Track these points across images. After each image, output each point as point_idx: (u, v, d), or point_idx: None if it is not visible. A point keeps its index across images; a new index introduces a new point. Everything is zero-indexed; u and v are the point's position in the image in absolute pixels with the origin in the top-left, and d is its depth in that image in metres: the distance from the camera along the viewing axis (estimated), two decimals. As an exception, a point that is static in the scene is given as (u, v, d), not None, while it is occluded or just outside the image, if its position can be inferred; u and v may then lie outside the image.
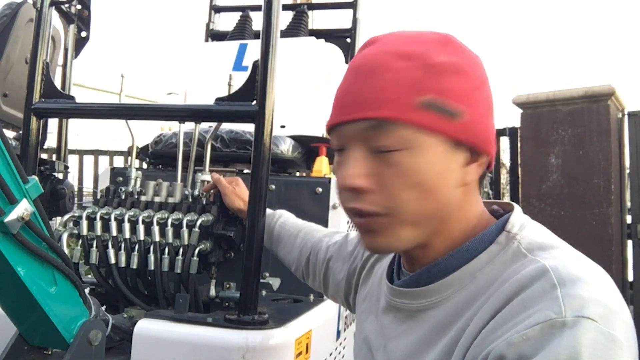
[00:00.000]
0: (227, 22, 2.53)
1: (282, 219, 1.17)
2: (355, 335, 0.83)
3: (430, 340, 0.64)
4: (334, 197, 1.46)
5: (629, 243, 3.18)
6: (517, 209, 0.67)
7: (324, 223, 1.42)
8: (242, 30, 2.35)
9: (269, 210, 1.18)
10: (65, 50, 1.70)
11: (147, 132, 1.73)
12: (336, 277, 0.95)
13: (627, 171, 3.25)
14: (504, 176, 5.04)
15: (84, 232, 1.21)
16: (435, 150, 0.61)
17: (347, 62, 2.23)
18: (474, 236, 0.64)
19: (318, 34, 2.30)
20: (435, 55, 0.62)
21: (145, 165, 1.99)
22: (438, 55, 0.62)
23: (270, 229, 1.16)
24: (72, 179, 5.00)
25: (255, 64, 1.11)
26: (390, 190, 0.61)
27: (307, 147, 1.78)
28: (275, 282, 1.28)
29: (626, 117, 3.27)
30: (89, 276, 1.29)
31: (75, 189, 3.07)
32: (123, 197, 1.27)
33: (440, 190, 0.62)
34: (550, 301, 0.52)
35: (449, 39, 0.65)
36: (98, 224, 1.21)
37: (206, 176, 1.26)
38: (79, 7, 1.66)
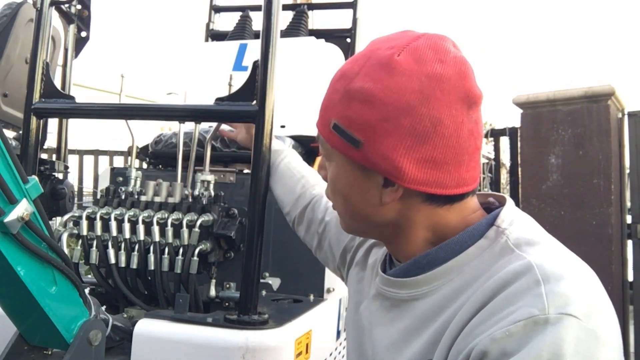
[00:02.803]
0: (227, 22, 2.53)
1: (289, 159, 1.15)
2: (348, 314, 0.85)
3: (415, 330, 0.65)
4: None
5: (629, 243, 3.17)
6: (509, 203, 0.67)
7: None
8: (242, 30, 2.35)
9: (277, 146, 1.16)
10: (65, 50, 1.70)
11: (147, 132, 1.73)
12: (333, 244, 0.96)
13: (627, 171, 3.24)
14: (504, 176, 5.05)
15: (84, 232, 1.21)
16: (345, 168, 0.67)
17: (347, 62, 2.23)
18: (464, 230, 0.65)
19: (318, 34, 2.30)
20: (357, 79, 0.63)
21: (145, 165, 1.99)
22: (359, 80, 0.63)
23: (274, 164, 1.14)
24: (72, 179, 5.00)
25: (255, 64, 1.11)
26: (328, 187, 0.74)
27: (307, 147, 1.78)
28: (275, 282, 1.28)
29: (626, 117, 3.27)
30: (89, 276, 1.29)
31: (75, 189, 3.07)
32: (123, 197, 1.27)
33: (357, 203, 0.68)
34: (533, 298, 0.52)
35: (393, 61, 0.61)
36: (98, 224, 1.21)
37: (206, 176, 1.25)
38: (79, 7, 1.66)
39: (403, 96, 0.60)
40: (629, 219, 3.20)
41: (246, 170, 1.66)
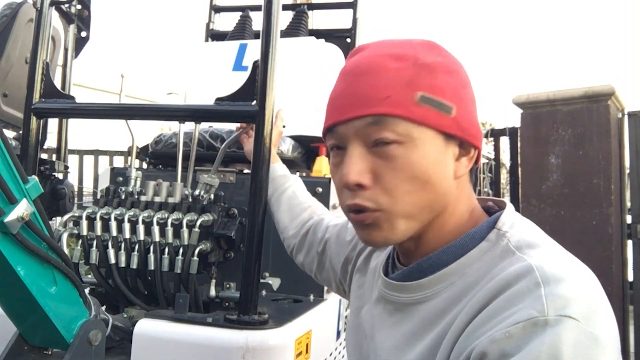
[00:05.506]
0: (227, 22, 2.53)
1: (295, 187, 1.16)
2: (349, 320, 0.85)
3: (419, 333, 0.65)
4: (333, 197, 1.46)
5: (629, 243, 3.17)
6: (509, 207, 0.68)
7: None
8: (242, 30, 2.35)
9: (284, 170, 1.18)
10: (65, 50, 1.70)
11: (147, 132, 1.73)
12: (333, 259, 0.96)
13: (627, 171, 3.24)
14: (504, 176, 5.05)
15: (84, 232, 1.21)
16: (430, 144, 0.64)
17: (347, 62, 2.23)
18: (466, 233, 0.66)
19: (318, 34, 2.30)
20: (425, 56, 0.66)
21: (145, 165, 1.99)
22: (428, 56, 0.66)
23: (281, 190, 1.15)
24: (72, 179, 5.00)
25: (255, 64, 1.11)
26: (387, 184, 0.64)
27: (307, 147, 1.78)
28: (275, 282, 1.28)
29: (626, 117, 3.27)
30: (89, 276, 1.29)
31: (75, 189, 3.07)
32: (123, 197, 1.27)
33: (436, 183, 0.65)
34: (533, 299, 0.53)
35: (434, 44, 0.70)
36: (98, 224, 1.21)
37: (209, 178, 1.25)
38: (79, 7, 1.66)
39: (462, 68, 0.69)
40: (629, 219, 3.20)
41: (246, 170, 1.67)
